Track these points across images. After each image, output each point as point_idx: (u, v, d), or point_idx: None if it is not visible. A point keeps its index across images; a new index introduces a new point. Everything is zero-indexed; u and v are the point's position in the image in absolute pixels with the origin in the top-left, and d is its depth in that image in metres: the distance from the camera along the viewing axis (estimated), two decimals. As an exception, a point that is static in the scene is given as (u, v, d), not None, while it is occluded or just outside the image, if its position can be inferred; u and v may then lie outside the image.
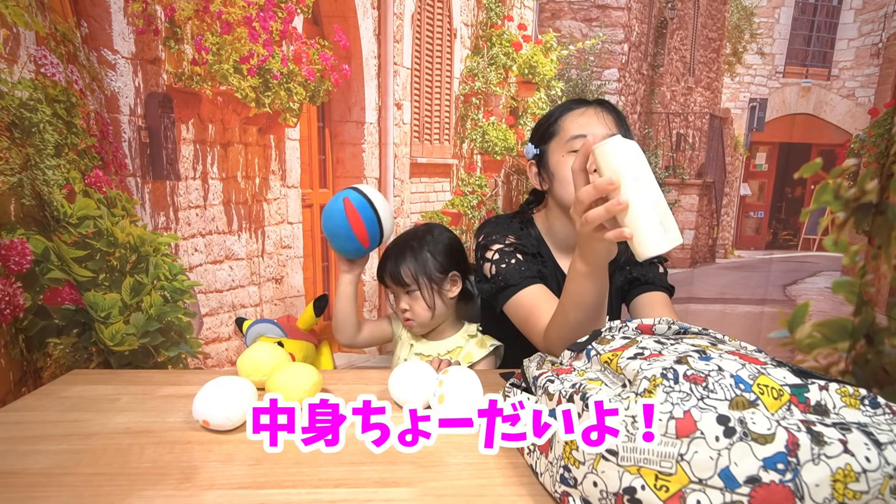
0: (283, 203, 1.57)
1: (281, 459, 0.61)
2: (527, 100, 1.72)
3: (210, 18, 1.34)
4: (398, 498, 0.54)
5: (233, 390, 0.68)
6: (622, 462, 0.42)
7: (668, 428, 0.40)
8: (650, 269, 0.97)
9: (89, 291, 1.22)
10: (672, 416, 0.40)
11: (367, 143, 1.63)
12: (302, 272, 1.63)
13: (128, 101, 1.32)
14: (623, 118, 0.92)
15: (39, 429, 0.69)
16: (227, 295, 1.50)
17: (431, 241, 1.03)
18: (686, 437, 0.39)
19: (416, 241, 1.03)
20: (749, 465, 0.37)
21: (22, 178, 1.08)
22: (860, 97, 1.65)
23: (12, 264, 1.07)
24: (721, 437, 0.38)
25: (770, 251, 1.81)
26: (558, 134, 0.92)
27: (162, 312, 1.35)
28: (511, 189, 1.82)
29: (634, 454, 0.41)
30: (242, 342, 1.28)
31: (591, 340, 0.58)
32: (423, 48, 1.66)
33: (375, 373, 0.93)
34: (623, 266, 0.98)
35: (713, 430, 0.39)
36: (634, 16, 1.69)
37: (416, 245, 1.02)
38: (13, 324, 1.08)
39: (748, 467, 0.37)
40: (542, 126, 0.96)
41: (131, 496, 0.54)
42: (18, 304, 1.09)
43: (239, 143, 1.48)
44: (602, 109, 0.90)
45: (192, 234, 1.44)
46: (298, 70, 1.46)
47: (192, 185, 1.42)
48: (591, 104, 0.92)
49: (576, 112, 0.91)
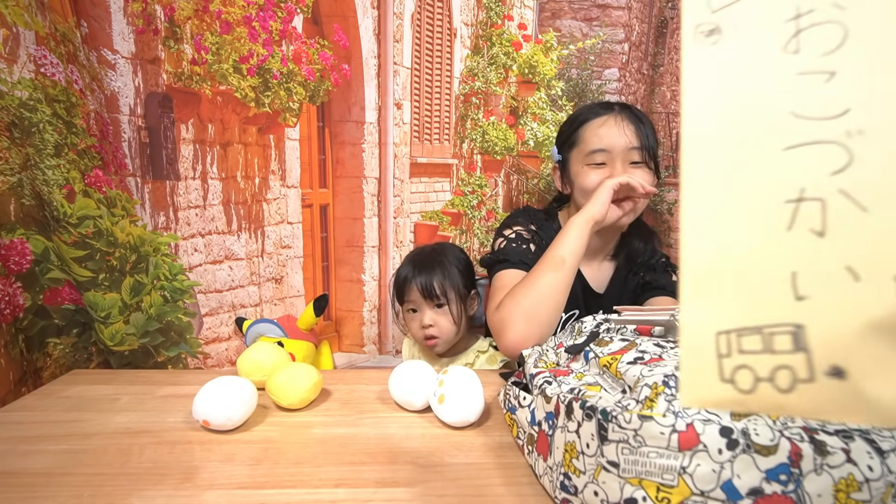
0: (283, 203, 1.57)
1: (281, 459, 0.61)
2: (527, 99, 1.72)
3: (210, 18, 1.34)
4: (398, 498, 0.54)
5: (233, 390, 0.67)
6: (623, 474, 0.41)
7: (670, 442, 0.39)
8: (664, 276, 0.98)
9: (89, 291, 1.22)
10: (675, 430, 0.39)
11: (367, 143, 1.63)
12: (302, 272, 1.63)
13: (128, 100, 1.32)
14: (646, 122, 0.92)
15: (39, 429, 0.69)
16: (227, 295, 1.50)
17: (454, 259, 1.02)
18: (689, 451, 0.39)
19: (440, 256, 1.02)
20: (752, 477, 0.37)
21: (22, 178, 1.08)
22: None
23: (12, 264, 1.07)
24: (724, 450, 0.38)
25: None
26: (578, 145, 0.92)
27: (162, 312, 1.35)
28: (511, 189, 1.82)
29: (636, 466, 0.41)
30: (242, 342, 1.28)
31: (590, 342, 0.58)
32: (423, 48, 1.66)
33: (375, 373, 0.93)
34: (637, 272, 0.99)
35: (716, 442, 0.38)
36: (635, 15, 1.69)
37: (443, 260, 1.01)
38: (13, 324, 1.08)
39: (751, 479, 0.37)
40: (565, 132, 0.97)
41: (131, 496, 0.54)
42: (18, 304, 1.09)
43: (238, 143, 1.48)
44: (624, 118, 0.90)
45: (191, 234, 1.44)
46: (298, 70, 1.46)
47: (191, 184, 1.42)
48: (613, 111, 0.91)
49: (596, 122, 0.91)
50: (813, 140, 0.27)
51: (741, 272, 0.27)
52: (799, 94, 0.28)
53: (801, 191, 0.27)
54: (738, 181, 0.28)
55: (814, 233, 0.27)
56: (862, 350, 0.25)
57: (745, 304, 0.27)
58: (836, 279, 0.26)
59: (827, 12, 0.28)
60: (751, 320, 0.27)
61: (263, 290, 1.57)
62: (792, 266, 0.26)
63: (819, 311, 0.26)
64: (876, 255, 0.26)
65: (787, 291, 0.26)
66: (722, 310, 0.27)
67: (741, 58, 0.29)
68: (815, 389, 0.25)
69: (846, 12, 0.28)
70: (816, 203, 0.27)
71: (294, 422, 0.71)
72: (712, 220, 0.28)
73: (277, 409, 0.75)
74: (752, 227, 0.27)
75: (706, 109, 0.29)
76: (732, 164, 0.28)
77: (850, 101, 0.27)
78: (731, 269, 0.27)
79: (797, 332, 0.26)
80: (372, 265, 1.70)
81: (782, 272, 0.27)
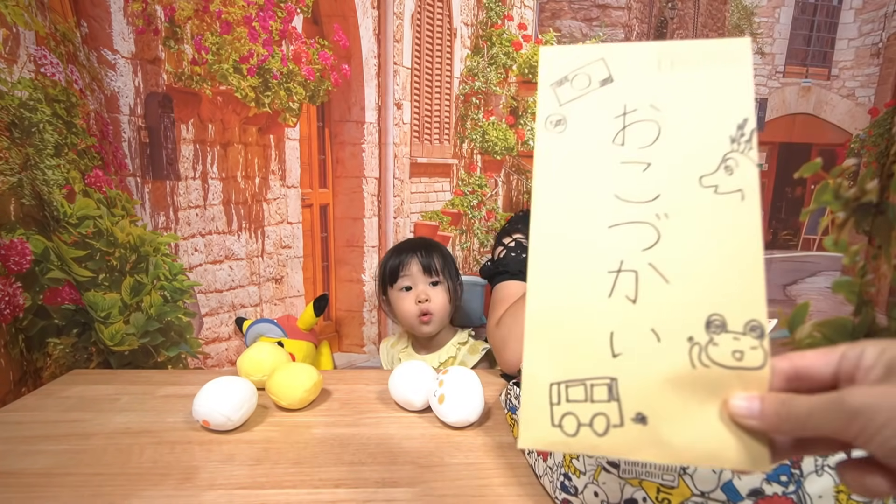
0: (283, 203, 1.57)
1: (281, 459, 0.61)
2: (527, 100, 1.72)
3: (210, 18, 1.34)
4: (398, 498, 0.54)
5: (233, 390, 0.67)
6: (623, 474, 0.41)
7: None
8: None
9: (89, 291, 1.21)
10: None
11: (367, 143, 1.63)
12: (302, 272, 1.63)
13: (128, 101, 1.32)
14: None
15: (39, 429, 0.69)
16: (227, 295, 1.50)
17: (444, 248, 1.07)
18: None
19: (432, 242, 1.06)
20: (752, 478, 0.37)
21: (22, 178, 1.08)
22: (860, 97, 1.65)
23: (12, 264, 1.07)
24: None
25: (770, 251, 1.81)
26: None
27: (162, 312, 1.35)
28: (511, 189, 1.82)
29: (636, 467, 0.41)
30: (242, 342, 1.28)
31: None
32: (423, 48, 1.66)
33: (375, 373, 0.93)
34: None
35: None
36: (634, 15, 1.69)
37: (437, 245, 1.05)
38: (13, 324, 1.08)
39: (751, 480, 0.37)
40: None
41: (131, 496, 0.54)
42: (18, 304, 1.09)
43: (239, 143, 1.48)
44: None
45: (191, 234, 1.43)
46: (298, 70, 1.46)
47: (191, 184, 1.42)
48: None
49: None
50: (631, 220, 0.32)
51: (571, 331, 0.31)
52: (622, 180, 0.33)
53: (621, 263, 0.32)
54: (572, 251, 0.32)
55: (628, 299, 0.31)
56: (659, 400, 0.30)
57: (573, 358, 0.31)
58: (643, 339, 0.31)
59: (646, 112, 0.33)
60: (577, 373, 0.31)
61: (263, 290, 1.57)
62: (611, 327, 0.31)
63: (629, 367, 0.30)
64: (674, 320, 0.31)
65: (606, 349, 0.31)
66: (555, 363, 0.31)
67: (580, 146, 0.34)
68: (624, 433, 0.30)
69: (660, 113, 0.33)
70: (632, 274, 0.31)
71: (294, 422, 0.71)
72: (551, 283, 0.32)
73: (277, 409, 0.75)
74: (582, 292, 0.32)
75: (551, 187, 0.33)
76: (569, 236, 0.33)
77: (660, 188, 0.32)
78: (563, 328, 0.31)
79: (612, 384, 0.30)
80: (372, 265, 1.69)
81: (603, 332, 0.31)
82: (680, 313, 0.30)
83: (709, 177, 0.32)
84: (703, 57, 0.33)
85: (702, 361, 0.30)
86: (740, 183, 0.31)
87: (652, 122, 0.33)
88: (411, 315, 1.02)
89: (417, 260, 1.02)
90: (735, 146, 0.32)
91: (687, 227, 0.31)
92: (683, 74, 0.33)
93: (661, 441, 0.29)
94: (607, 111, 0.34)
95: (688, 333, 0.30)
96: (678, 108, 0.33)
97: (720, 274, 0.30)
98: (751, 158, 0.32)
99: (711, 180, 0.32)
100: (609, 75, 0.34)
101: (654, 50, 0.34)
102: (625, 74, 0.34)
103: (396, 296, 1.05)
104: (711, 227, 0.31)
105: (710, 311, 0.30)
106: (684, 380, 0.30)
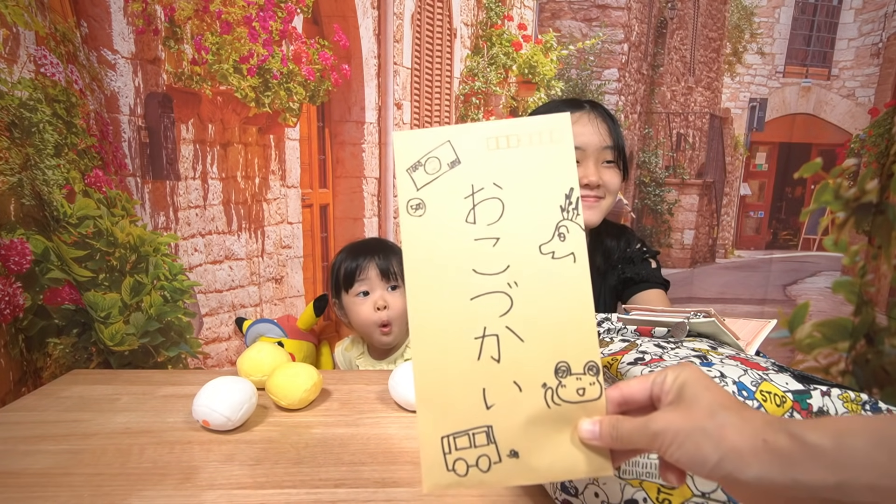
0: (283, 203, 1.57)
1: (281, 459, 0.61)
2: (527, 100, 1.72)
3: (210, 18, 1.34)
4: (398, 498, 0.54)
5: (233, 390, 0.67)
6: (624, 475, 0.42)
7: None
8: (643, 266, 0.98)
9: (89, 291, 1.21)
10: None
11: (367, 143, 1.63)
12: (302, 272, 1.63)
13: (128, 100, 1.32)
14: (615, 121, 0.92)
15: (39, 429, 0.69)
16: (227, 295, 1.50)
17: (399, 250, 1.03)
18: None
19: (387, 243, 1.02)
20: None
21: (22, 178, 1.08)
22: (860, 97, 1.64)
23: (12, 264, 1.07)
24: None
25: (770, 251, 1.81)
26: None
27: (162, 312, 1.35)
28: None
29: (636, 468, 0.41)
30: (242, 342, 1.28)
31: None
32: (423, 48, 1.66)
33: (376, 373, 0.93)
34: (616, 265, 0.99)
35: None
36: (634, 16, 1.69)
37: (393, 247, 1.01)
38: (13, 324, 1.08)
39: None
40: None
41: (131, 496, 0.54)
42: (18, 304, 1.09)
43: (239, 143, 1.48)
44: (596, 115, 0.89)
45: (191, 234, 1.43)
46: (298, 70, 1.46)
47: (191, 184, 1.42)
48: (584, 108, 0.90)
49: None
50: (488, 291, 0.37)
51: (452, 391, 0.36)
52: (477, 256, 0.37)
53: (484, 329, 0.37)
54: (444, 323, 0.37)
55: (493, 360, 0.36)
56: (526, 437, 0.36)
57: (456, 413, 0.36)
58: (509, 391, 0.36)
59: (491, 190, 0.37)
60: (460, 425, 0.36)
61: (263, 290, 1.57)
62: (482, 384, 0.36)
63: (500, 414, 0.36)
64: (530, 372, 0.36)
65: (480, 403, 0.36)
66: (443, 419, 0.36)
67: (438, 227, 0.37)
68: (503, 467, 0.36)
69: (503, 191, 0.37)
70: (494, 338, 0.37)
71: (294, 422, 0.71)
72: (430, 351, 0.37)
73: (277, 409, 0.75)
74: (455, 358, 0.36)
75: (419, 267, 0.37)
76: (439, 309, 0.37)
77: (509, 259, 0.37)
78: (445, 389, 0.36)
79: (489, 430, 0.36)
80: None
81: (476, 390, 0.36)
82: (534, 365, 0.36)
83: (546, 244, 0.37)
84: (530, 135, 0.37)
85: (554, 401, 0.36)
86: (572, 247, 0.37)
87: (496, 199, 0.37)
88: (370, 323, 0.98)
89: (375, 264, 0.97)
90: (565, 214, 0.37)
91: (533, 291, 0.37)
92: (516, 152, 0.37)
93: (531, 468, 0.36)
94: (458, 192, 0.37)
95: (542, 381, 0.36)
96: (515, 185, 0.37)
97: (562, 326, 0.36)
98: (578, 224, 0.37)
99: (549, 247, 0.37)
100: (456, 157, 0.38)
101: (489, 130, 0.37)
102: (469, 155, 0.37)
103: (352, 301, 1.00)
104: (552, 289, 0.37)
105: (558, 360, 0.36)
106: (543, 418, 0.36)
